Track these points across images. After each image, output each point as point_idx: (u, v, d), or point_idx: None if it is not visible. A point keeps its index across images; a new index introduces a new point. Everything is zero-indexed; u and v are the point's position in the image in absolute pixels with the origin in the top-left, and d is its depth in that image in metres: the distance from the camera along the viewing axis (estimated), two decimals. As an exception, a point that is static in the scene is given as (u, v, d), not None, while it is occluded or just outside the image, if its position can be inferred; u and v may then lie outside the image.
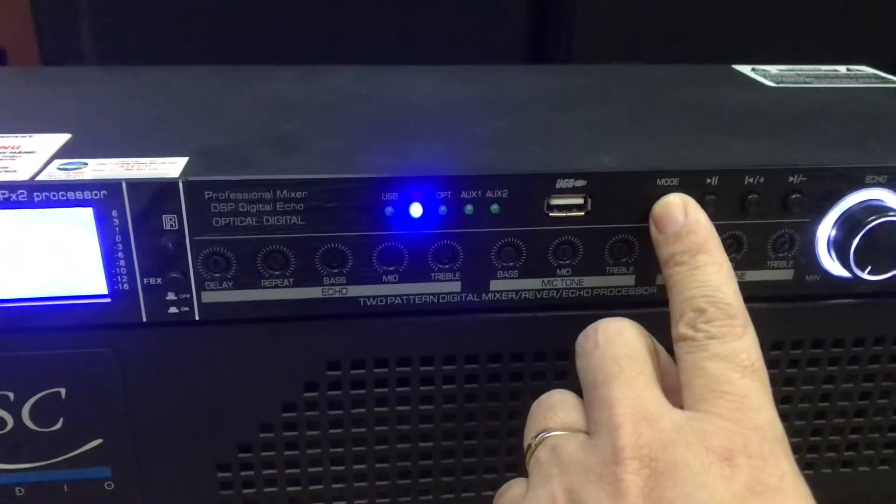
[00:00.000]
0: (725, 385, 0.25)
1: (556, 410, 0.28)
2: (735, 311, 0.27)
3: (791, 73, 0.50)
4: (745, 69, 0.51)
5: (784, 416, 0.38)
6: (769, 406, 0.26)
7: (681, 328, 0.27)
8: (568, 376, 0.35)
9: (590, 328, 0.29)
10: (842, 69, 0.51)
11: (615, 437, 0.25)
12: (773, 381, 0.37)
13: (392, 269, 0.32)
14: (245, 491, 0.36)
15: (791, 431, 0.38)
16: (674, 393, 0.27)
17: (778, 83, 0.47)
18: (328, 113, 0.39)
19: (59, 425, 0.34)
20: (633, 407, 0.25)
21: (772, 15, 0.72)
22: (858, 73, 0.50)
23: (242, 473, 0.36)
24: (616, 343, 0.28)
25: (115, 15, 0.64)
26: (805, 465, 0.40)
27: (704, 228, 0.30)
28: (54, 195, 0.29)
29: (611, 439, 0.25)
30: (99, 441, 0.34)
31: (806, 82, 0.48)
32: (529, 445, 0.28)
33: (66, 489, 0.35)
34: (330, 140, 0.35)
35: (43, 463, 0.34)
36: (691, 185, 0.32)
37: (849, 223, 0.33)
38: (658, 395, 0.26)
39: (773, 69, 0.51)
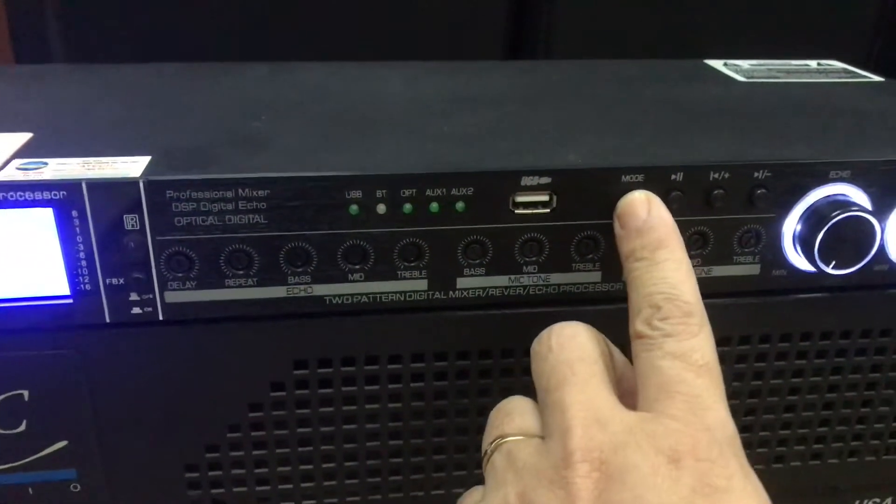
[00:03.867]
0: (678, 385, 0.25)
1: (512, 416, 0.28)
2: (692, 309, 0.27)
3: (762, 68, 0.50)
4: (717, 64, 0.51)
5: (753, 410, 0.38)
6: (721, 406, 0.26)
7: (637, 325, 0.27)
8: (536, 373, 0.35)
9: (544, 332, 0.29)
10: (812, 64, 0.51)
11: (566, 440, 0.25)
12: (742, 376, 0.37)
13: (357, 267, 0.32)
14: (213, 491, 0.36)
15: (760, 425, 0.39)
16: (630, 396, 0.27)
17: (748, 78, 0.47)
18: (296, 110, 0.39)
19: (22, 427, 0.33)
20: (584, 410, 0.25)
21: (749, 9, 0.73)
22: (828, 67, 0.51)
23: (210, 473, 0.36)
24: (569, 347, 0.28)
25: (83, 13, 0.63)
26: (775, 458, 0.40)
27: (666, 225, 0.30)
28: (13, 195, 0.29)
29: (562, 443, 0.25)
30: (64, 443, 0.34)
31: (776, 77, 0.48)
32: (486, 451, 0.28)
33: (31, 491, 0.35)
34: (296, 138, 0.35)
35: (7, 465, 0.34)
36: (656, 181, 0.32)
37: (813, 218, 0.33)
38: (610, 398, 0.26)
39: (744, 64, 0.51)
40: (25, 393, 0.33)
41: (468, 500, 0.28)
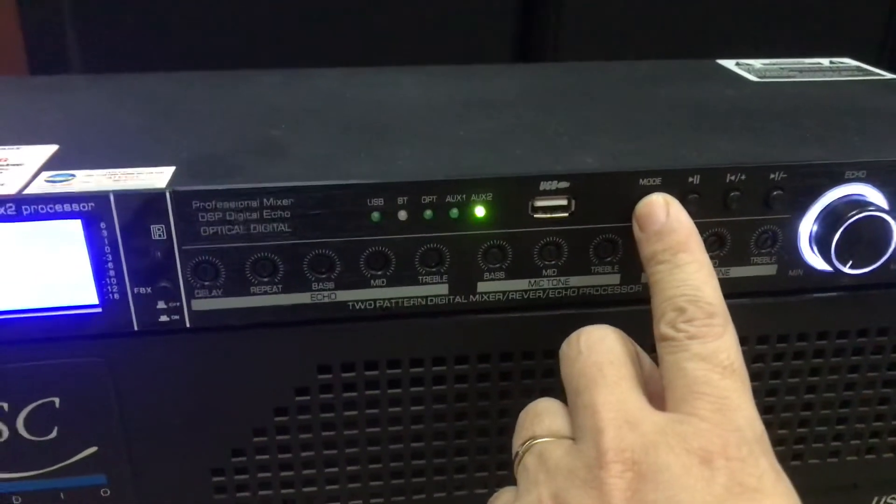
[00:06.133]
0: (705, 386, 0.26)
1: (542, 418, 0.29)
2: (715, 310, 0.27)
3: (774, 67, 0.50)
4: (729, 64, 0.51)
5: (771, 409, 0.39)
6: (749, 405, 0.26)
7: (662, 328, 0.28)
8: (556, 374, 0.35)
9: (573, 335, 0.29)
10: (825, 62, 0.51)
11: (599, 441, 0.25)
12: (760, 375, 0.37)
13: (379, 273, 0.33)
14: (239, 494, 0.37)
15: (778, 423, 0.39)
16: (658, 398, 0.27)
17: (761, 78, 0.48)
18: (314, 118, 0.40)
19: (53, 434, 0.34)
20: (615, 411, 0.26)
21: (759, 8, 0.73)
22: (842, 65, 0.51)
23: (237, 477, 0.36)
24: (598, 349, 0.28)
25: (101, 22, 0.64)
26: (793, 456, 0.40)
27: (686, 227, 0.30)
28: (42, 208, 0.30)
29: (594, 443, 0.25)
30: (94, 449, 0.34)
31: (789, 76, 0.48)
32: (517, 453, 0.29)
33: (62, 497, 0.35)
34: (316, 145, 0.35)
35: (39, 472, 0.34)
36: (673, 184, 0.32)
37: (830, 218, 0.33)
38: (640, 399, 0.27)
39: (756, 63, 0.51)
40: (56, 400, 0.33)
41: (500, 501, 0.29)
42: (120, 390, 0.33)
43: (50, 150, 0.34)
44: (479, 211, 0.32)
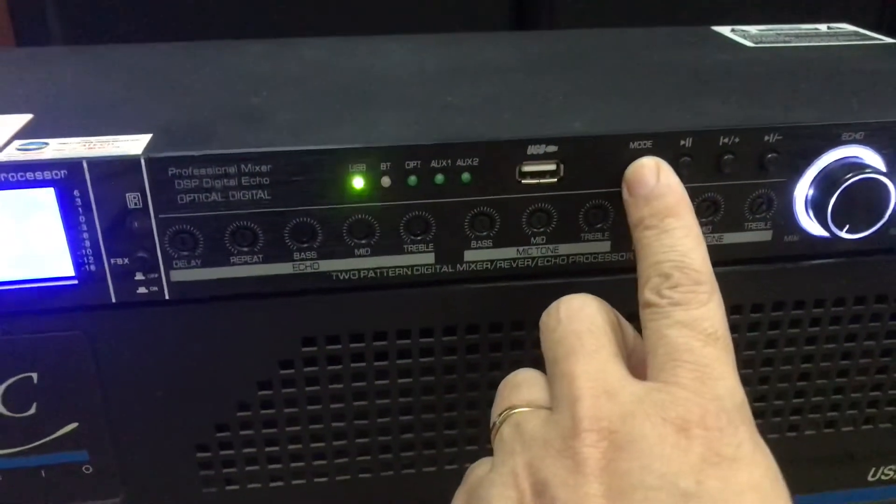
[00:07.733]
0: (686, 354, 0.25)
1: (520, 388, 0.28)
2: (701, 278, 0.27)
3: (771, 32, 0.49)
4: (724, 30, 0.50)
5: (767, 379, 0.38)
6: (731, 375, 0.25)
7: (646, 294, 0.27)
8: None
9: (553, 304, 0.29)
10: (822, 27, 0.50)
11: (574, 410, 0.25)
12: (755, 344, 0.37)
13: (363, 242, 0.32)
14: (225, 470, 0.36)
15: (774, 393, 0.38)
16: (641, 368, 0.27)
17: (757, 43, 0.46)
18: (297, 86, 0.39)
19: (32, 410, 0.33)
20: (593, 380, 0.25)
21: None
22: (839, 30, 0.50)
23: (222, 453, 0.36)
24: (577, 318, 0.27)
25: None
26: (789, 427, 0.40)
27: (675, 192, 0.29)
28: (13, 176, 0.29)
29: (570, 413, 0.25)
30: (74, 425, 0.34)
31: (786, 41, 0.47)
32: (494, 423, 0.28)
33: (43, 474, 0.35)
34: (297, 112, 0.34)
35: (18, 449, 0.34)
36: (665, 147, 0.31)
37: (826, 182, 0.33)
38: (619, 369, 0.26)
39: (752, 29, 0.50)
40: (34, 376, 0.33)
41: (476, 472, 0.28)
42: (99, 364, 0.33)
43: (24, 119, 0.33)
44: (465, 176, 0.31)
